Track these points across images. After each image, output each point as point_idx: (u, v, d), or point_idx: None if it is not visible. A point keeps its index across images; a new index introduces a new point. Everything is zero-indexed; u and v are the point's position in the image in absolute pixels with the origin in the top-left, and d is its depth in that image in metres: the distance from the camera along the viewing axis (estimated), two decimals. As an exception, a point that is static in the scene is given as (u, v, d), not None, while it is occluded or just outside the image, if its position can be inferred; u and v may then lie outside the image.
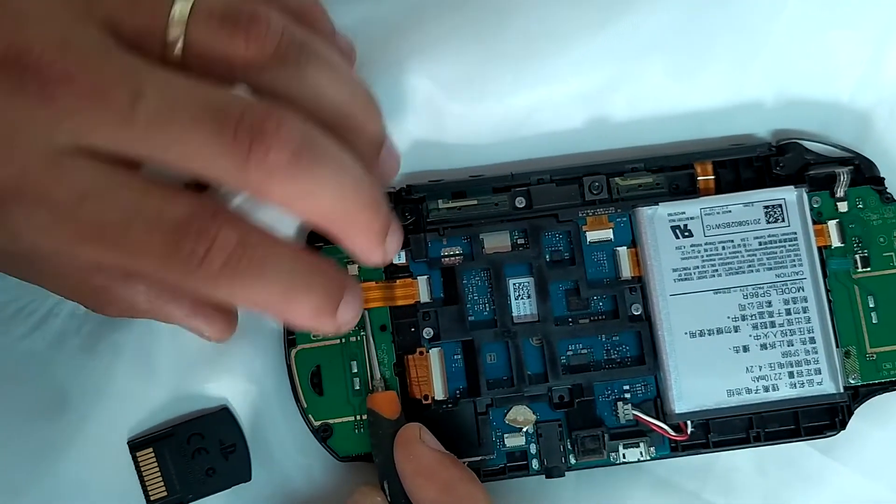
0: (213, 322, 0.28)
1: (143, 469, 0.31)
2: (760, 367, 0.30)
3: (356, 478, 0.31)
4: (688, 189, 0.32)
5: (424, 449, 0.29)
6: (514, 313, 0.31)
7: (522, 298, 0.31)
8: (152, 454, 0.31)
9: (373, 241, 0.25)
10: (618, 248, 0.31)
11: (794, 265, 0.31)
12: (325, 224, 0.25)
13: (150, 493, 0.31)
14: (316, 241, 0.31)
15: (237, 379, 0.31)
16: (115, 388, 0.31)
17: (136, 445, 0.31)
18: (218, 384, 0.31)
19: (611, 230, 0.32)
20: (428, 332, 0.31)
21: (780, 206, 0.31)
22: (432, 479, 0.29)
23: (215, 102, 0.23)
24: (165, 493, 0.31)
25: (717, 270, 0.31)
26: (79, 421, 0.31)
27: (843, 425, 0.31)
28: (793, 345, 0.30)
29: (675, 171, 0.32)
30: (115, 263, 0.24)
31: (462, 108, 0.32)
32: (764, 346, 0.30)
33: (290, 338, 0.31)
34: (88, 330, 0.31)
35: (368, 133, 0.26)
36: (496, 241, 0.31)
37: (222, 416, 0.31)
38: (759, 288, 0.31)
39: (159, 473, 0.31)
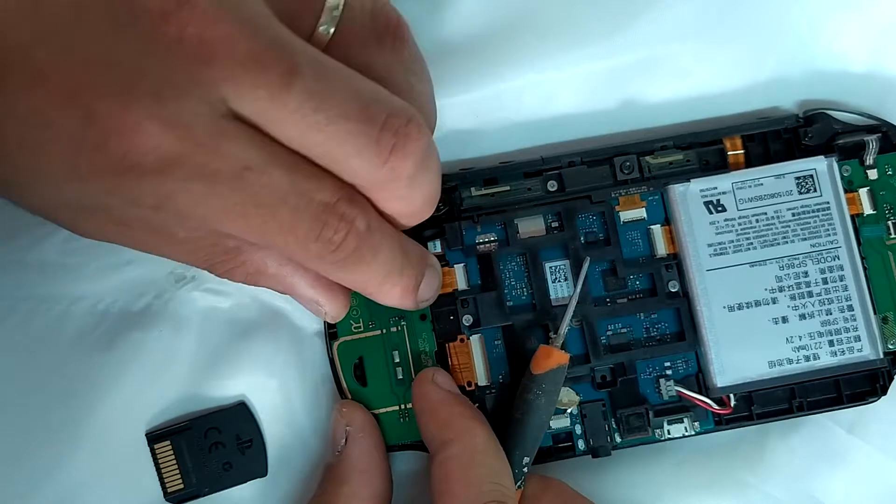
0: (334, 298, 0.29)
1: (160, 462, 0.31)
2: (800, 338, 0.31)
3: (397, 467, 0.31)
4: (718, 164, 0.32)
5: (433, 388, 0.29)
6: (553, 296, 0.31)
7: (560, 281, 0.32)
8: (170, 447, 0.31)
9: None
10: (651, 227, 0.32)
11: (829, 234, 0.31)
12: (400, 215, 0.27)
13: (167, 485, 0.31)
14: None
15: (255, 374, 0.32)
16: (132, 383, 0.31)
17: (153, 438, 0.31)
18: (235, 379, 0.32)
19: (644, 209, 0.32)
20: (467, 319, 0.31)
21: (812, 176, 0.31)
22: (435, 416, 0.29)
23: (364, 96, 0.24)
24: (182, 486, 0.31)
25: (751, 243, 0.31)
26: (97, 415, 0.31)
27: (885, 391, 0.31)
28: (831, 313, 0.31)
29: (704, 147, 0.32)
30: (257, 238, 0.24)
31: (487, 94, 0.32)
32: (803, 317, 0.31)
33: (332, 331, 0.31)
34: (106, 327, 0.31)
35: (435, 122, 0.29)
36: (531, 226, 0.32)
37: (239, 411, 0.31)
38: (795, 259, 0.31)
39: (176, 466, 0.31)
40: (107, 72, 0.22)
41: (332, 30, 0.24)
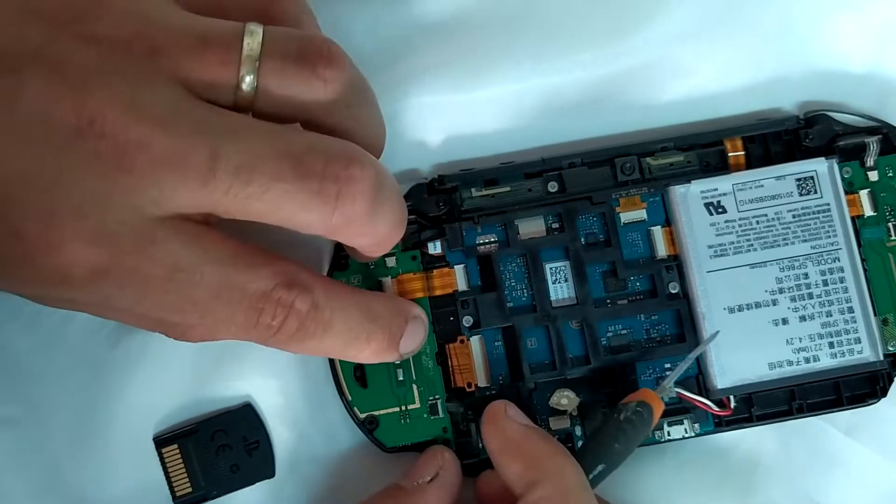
0: None
1: (168, 465, 0.31)
2: (800, 339, 0.31)
3: (394, 469, 0.31)
4: (719, 165, 0.32)
5: (510, 423, 0.28)
6: (553, 297, 0.31)
7: (560, 282, 0.31)
8: (177, 450, 0.31)
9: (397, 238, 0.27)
10: (652, 228, 0.32)
11: (829, 236, 0.31)
12: (367, 247, 0.27)
13: (176, 488, 0.31)
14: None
15: (260, 375, 0.32)
16: (139, 386, 0.31)
17: (161, 442, 0.31)
18: (241, 381, 0.32)
19: (644, 210, 0.32)
20: (468, 320, 0.31)
21: (812, 178, 0.31)
22: (518, 453, 0.28)
23: (295, 152, 0.23)
24: (190, 489, 0.31)
25: (752, 245, 0.31)
26: (104, 418, 0.31)
27: (885, 392, 0.31)
28: (831, 315, 0.31)
29: (705, 149, 0.32)
30: (197, 330, 0.25)
31: (488, 94, 0.32)
32: (803, 318, 0.31)
33: (332, 332, 0.31)
34: (111, 329, 0.31)
35: (383, 146, 0.28)
36: (531, 227, 0.32)
37: (245, 413, 0.31)
38: (795, 260, 0.31)
39: (184, 469, 0.31)
40: (28, 191, 0.22)
41: (254, 84, 0.24)
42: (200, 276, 0.24)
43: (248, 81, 0.23)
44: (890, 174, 0.32)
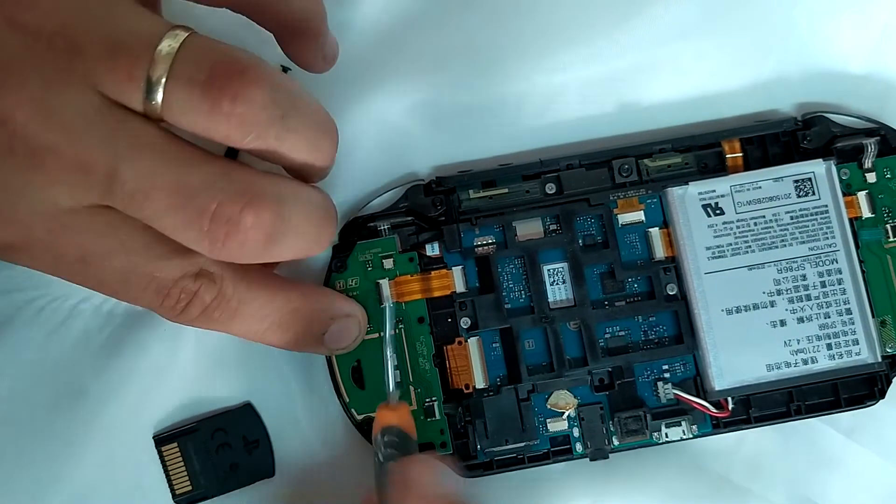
0: None
1: (168, 464, 0.31)
2: (798, 341, 0.31)
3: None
4: (716, 167, 0.32)
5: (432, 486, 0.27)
6: (551, 299, 0.31)
7: (558, 284, 0.31)
8: (177, 449, 0.31)
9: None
10: (650, 230, 0.32)
11: (827, 238, 0.31)
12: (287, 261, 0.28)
13: (175, 487, 0.31)
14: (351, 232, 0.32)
15: (260, 374, 0.32)
16: (139, 385, 0.31)
17: (161, 440, 0.31)
18: (241, 380, 0.32)
19: (642, 212, 0.32)
20: (465, 322, 0.31)
21: (810, 179, 0.31)
22: None
23: (189, 188, 0.24)
24: (190, 488, 0.31)
25: (750, 247, 0.31)
26: (104, 417, 0.31)
27: (883, 394, 0.31)
28: (829, 317, 0.31)
29: (702, 150, 0.32)
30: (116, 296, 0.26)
31: (487, 96, 0.32)
32: (801, 320, 0.31)
33: (330, 333, 0.31)
34: (112, 329, 0.31)
35: (323, 172, 0.27)
36: (529, 228, 0.32)
37: (245, 412, 0.31)
38: (793, 262, 0.31)
39: (184, 468, 0.31)
40: None
41: (159, 103, 0.23)
42: (109, 262, 0.25)
43: (153, 99, 0.23)
44: (888, 176, 0.32)
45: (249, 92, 0.23)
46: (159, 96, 0.23)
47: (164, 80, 0.23)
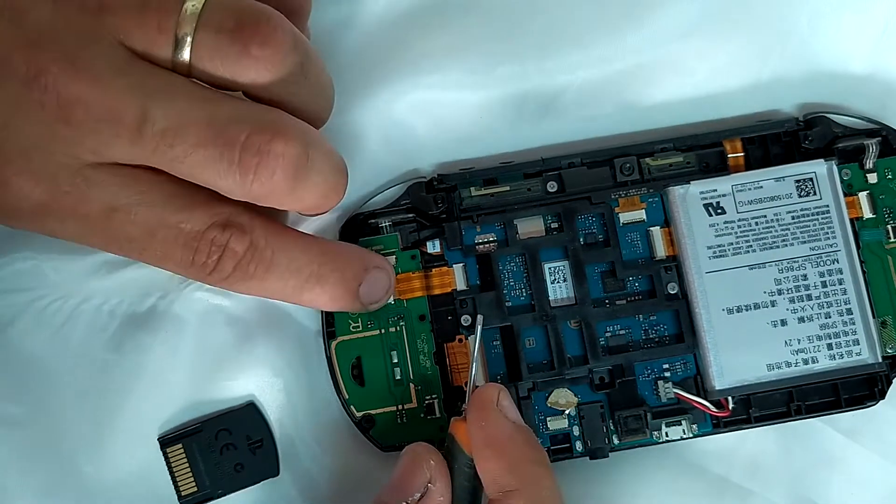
0: None
1: (173, 465, 0.31)
2: (799, 341, 0.31)
3: (392, 468, 0.31)
4: (718, 166, 0.32)
5: (499, 418, 0.27)
6: (552, 297, 0.31)
7: (559, 282, 0.31)
8: (182, 450, 0.31)
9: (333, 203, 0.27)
10: (651, 229, 0.32)
11: (828, 238, 0.31)
12: (300, 211, 0.28)
13: (181, 488, 0.31)
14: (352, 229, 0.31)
15: (263, 374, 0.31)
16: (143, 386, 0.31)
17: (165, 442, 0.31)
18: (244, 380, 0.31)
19: (643, 210, 0.32)
20: (466, 320, 0.31)
21: (811, 179, 0.31)
22: (500, 452, 0.27)
23: (219, 121, 0.24)
24: (196, 489, 0.31)
25: (751, 246, 0.31)
26: (109, 418, 0.31)
27: (883, 394, 0.31)
28: (830, 317, 0.31)
29: (704, 150, 0.32)
30: (145, 260, 0.26)
31: (489, 94, 0.32)
32: (802, 320, 0.31)
33: (330, 330, 0.31)
34: (114, 329, 0.31)
35: (326, 117, 0.28)
36: (530, 226, 0.32)
37: (249, 412, 0.31)
38: (794, 262, 0.31)
39: (189, 469, 0.31)
40: None
41: (188, 54, 0.24)
42: (136, 215, 0.25)
43: (182, 51, 0.24)
44: (889, 176, 0.32)
45: (277, 36, 0.24)
46: (188, 46, 0.24)
47: (192, 32, 0.24)
